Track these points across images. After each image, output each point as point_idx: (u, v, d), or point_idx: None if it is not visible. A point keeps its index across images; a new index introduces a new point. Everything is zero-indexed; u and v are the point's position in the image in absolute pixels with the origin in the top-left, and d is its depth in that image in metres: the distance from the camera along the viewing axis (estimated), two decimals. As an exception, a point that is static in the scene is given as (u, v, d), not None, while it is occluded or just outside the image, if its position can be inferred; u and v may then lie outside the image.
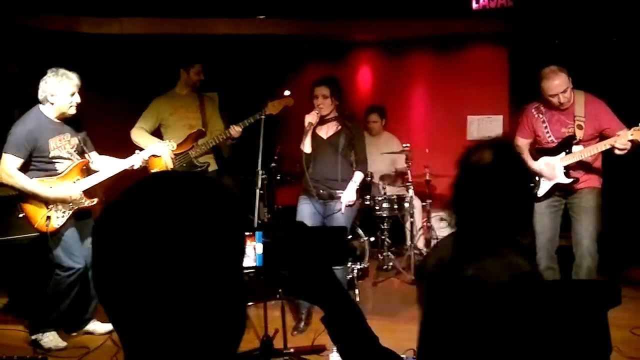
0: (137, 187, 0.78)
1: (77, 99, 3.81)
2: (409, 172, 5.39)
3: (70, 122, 3.94)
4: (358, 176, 4.38)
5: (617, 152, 3.77)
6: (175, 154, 4.56)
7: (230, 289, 0.77)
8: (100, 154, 4.21)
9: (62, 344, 3.93)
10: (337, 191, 4.33)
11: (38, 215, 3.81)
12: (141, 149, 4.30)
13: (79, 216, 3.95)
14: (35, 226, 3.82)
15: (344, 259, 1.10)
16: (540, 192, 4.22)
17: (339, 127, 4.36)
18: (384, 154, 5.76)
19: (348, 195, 4.30)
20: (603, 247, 4.10)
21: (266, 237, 1.02)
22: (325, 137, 4.38)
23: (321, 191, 4.31)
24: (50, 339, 3.89)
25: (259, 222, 4.18)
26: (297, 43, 6.72)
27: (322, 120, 4.36)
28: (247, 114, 4.57)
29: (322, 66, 7.07)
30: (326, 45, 6.91)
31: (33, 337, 3.93)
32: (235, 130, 4.56)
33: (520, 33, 5.95)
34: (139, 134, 4.73)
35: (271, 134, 4.47)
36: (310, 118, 4.26)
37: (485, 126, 6.38)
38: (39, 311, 3.96)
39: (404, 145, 5.47)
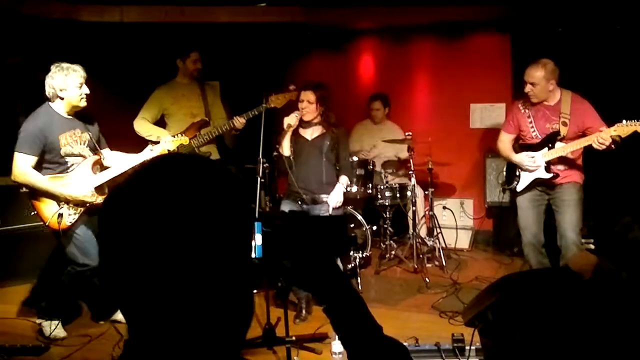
0: (144, 170, 0.76)
1: (85, 90, 3.75)
2: (411, 160, 5.37)
3: (82, 118, 3.88)
4: (344, 179, 4.35)
5: (594, 146, 3.81)
6: None
7: (239, 274, 0.76)
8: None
9: (63, 334, 3.93)
10: (322, 195, 4.27)
11: (50, 213, 3.74)
12: (150, 142, 4.29)
13: (92, 212, 3.85)
14: (47, 224, 3.74)
15: (345, 249, 1.10)
16: (520, 186, 4.25)
17: (324, 131, 4.32)
18: (387, 143, 5.75)
19: (335, 196, 4.26)
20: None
21: (266, 227, 1.00)
22: (309, 138, 4.33)
23: (305, 196, 4.24)
24: (54, 328, 3.90)
25: (259, 211, 4.15)
26: (299, 31, 6.68)
27: (308, 124, 4.30)
28: (249, 103, 4.55)
29: (324, 54, 7.04)
30: (328, 33, 6.86)
31: (38, 321, 3.97)
32: (239, 121, 4.56)
33: (523, 20, 5.91)
34: (141, 124, 4.73)
35: (272, 122, 4.45)
36: (289, 120, 4.19)
37: (488, 114, 6.35)
38: (51, 298, 3.97)
39: (407, 133, 5.45)
